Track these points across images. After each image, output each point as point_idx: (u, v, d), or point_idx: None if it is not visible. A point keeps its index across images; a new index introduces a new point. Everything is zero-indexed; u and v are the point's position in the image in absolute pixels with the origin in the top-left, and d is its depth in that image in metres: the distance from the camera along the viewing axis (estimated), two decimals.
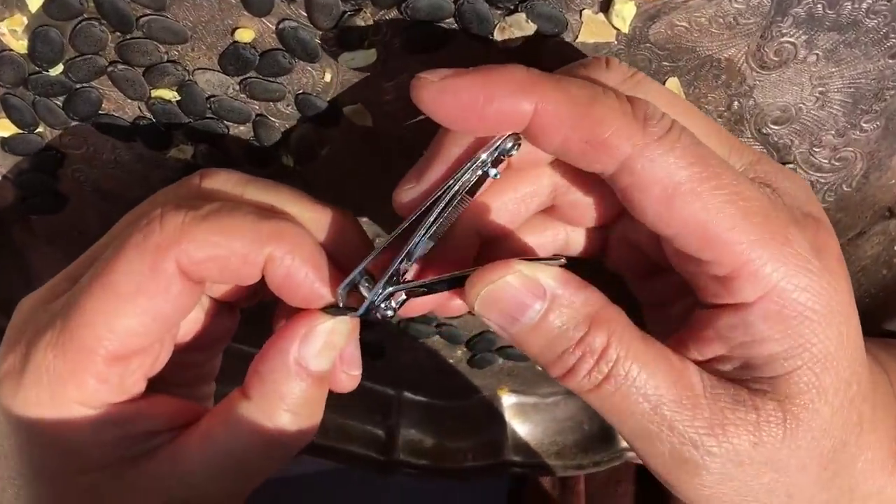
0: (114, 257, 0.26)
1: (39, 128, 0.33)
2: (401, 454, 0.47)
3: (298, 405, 0.27)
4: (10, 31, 0.30)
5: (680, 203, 0.24)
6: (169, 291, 0.25)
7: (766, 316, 0.24)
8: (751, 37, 0.28)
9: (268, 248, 0.26)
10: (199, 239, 0.25)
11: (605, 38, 0.29)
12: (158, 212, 0.26)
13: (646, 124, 0.24)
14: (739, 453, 0.25)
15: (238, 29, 0.29)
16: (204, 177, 0.28)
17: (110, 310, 0.25)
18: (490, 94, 0.24)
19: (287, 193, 0.28)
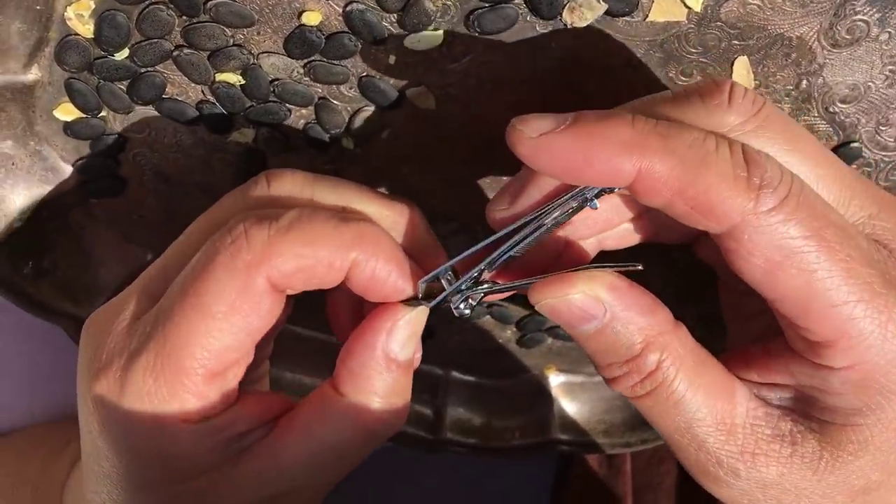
0: (203, 277, 0.25)
1: (102, 112, 0.33)
2: (448, 433, 0.47)
3: (391, 394, 0.27)
4: (76, 15, 0.30)
5: (784, 276, 0.23)
6: (261, 307, 0.26)
7: (847, 381, 0.24)
8: (823, 14, 0.28)
9: (353, 253, 0.26)
10: (288, 252, 0.25)
11: (676, 18, 0.28)
12: (242, 228, 0.26)
13: (760, 193, 0.23)
14: (765, 480, 0.25)
15: (305, 12, 0.29)
16: (272, 180, 0.28)
17: (205, 331, 0.25)
18: (590, 156, 0.23)
19: (355, 191, 0.28)
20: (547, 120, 0.24)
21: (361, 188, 0.29)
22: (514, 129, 0.24)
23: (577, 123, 0.23)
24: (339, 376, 0.27)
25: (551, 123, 0.24)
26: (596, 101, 0.31)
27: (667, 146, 0.23)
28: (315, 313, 0.37)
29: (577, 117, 0.24)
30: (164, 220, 0.37)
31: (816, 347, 0.24)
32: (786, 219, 0.23)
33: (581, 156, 0.23)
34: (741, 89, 0.25)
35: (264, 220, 0.26)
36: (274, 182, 0.28)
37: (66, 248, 0.38)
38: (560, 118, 0.24)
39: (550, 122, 0.24)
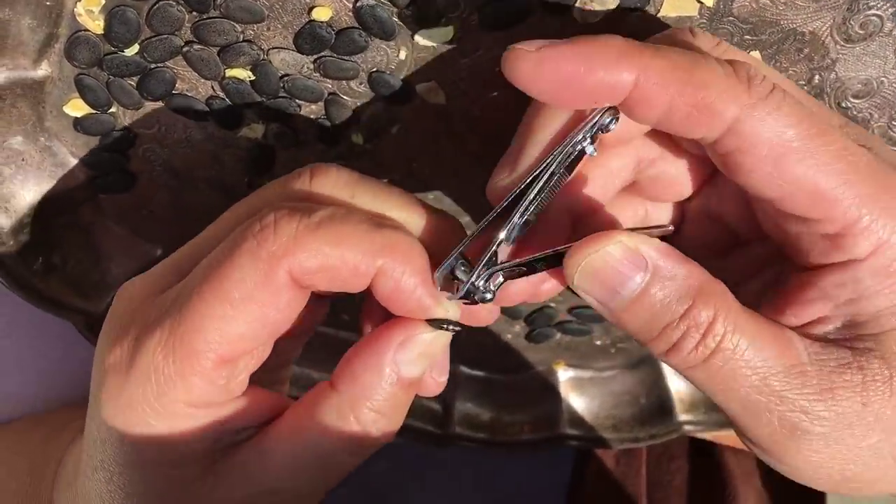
0: (226, 262, 0.25)
1: (112, 108, 0.33)
2: (457, 427, 0.47)
3: (384, 406, 0.27)
4: (86, 11, 0.30)
5: (790, 161, 0.23)
6: (280, 299, 0.25)
7: (876, 271, 0.24)
8: (837, 9, 0.28)
9: (380, 261, 0.26)
10: (313, 249, 0.25)
11: (688, 12, 0.28)
12: (272, 217, 0.25)
13: (750, 85, 0.23)
14: (848, 415, 0.24)
15: (315, 7, 0.29)
16: (315, 175, 0.28)
17: (221, 315, 0.25)
18: (591, 65, 0.23)
19: (397, 198, 0.28)
20: (544, 40, 0.24)
21: (405, 196, 0.28)
22: (514, 49, 0.24)
23: (576, 39, 0.24)
24: (339, 373, 0.27)
25: (549, 41, 0.24)
26: None
27: (659, 52, 0.24)
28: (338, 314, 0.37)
29: (574, 38, 0.24)
30: (173, 216, 0.37)
31: (837, 241, 0.24)
32: (780, 105, 0.23)
33: (582, 65, 0.23)
34: (700, 29, 0.26)
35: (296, 213, 0.25)
36: (316, 177, 0.28)
37: (75, 243, 0.38)
38: (557, 41, 0.24)
39: (548, 41, 0.24)
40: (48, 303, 0.38)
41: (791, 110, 0.23)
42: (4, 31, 0.30)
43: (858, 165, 0.24)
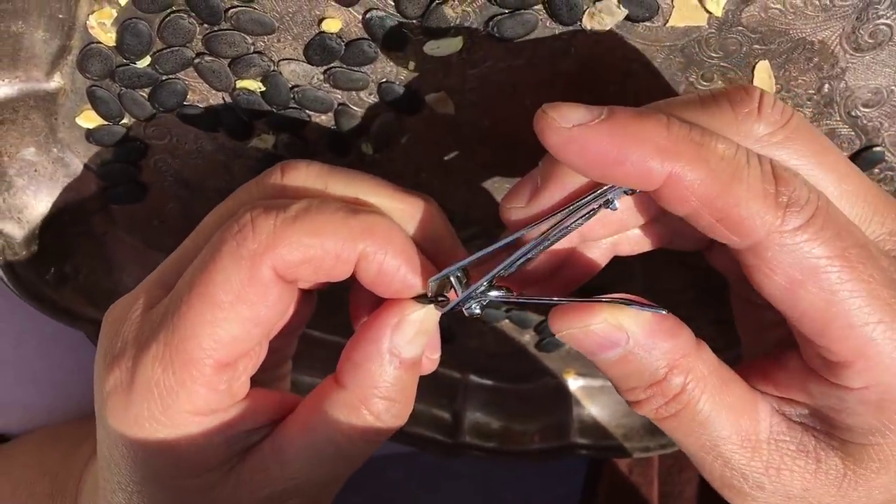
0: (210, 266, 0.25)
1: (124, 119, 0.33)
2: (467, 437, 0.47)
3: (392, 391, 0.27)
4: (98, 23, 0.30)
5: (805, 295, 0.23)
6: (268, 297, 0.25)
7: (864, 401, 0.24)
8: (846, 19, 0.28)
9: (361, 245, 0.26)
10: (293, 242, 0.25)
11: (697, 22, 0.28)
12: (248, 217, 0.25)
13: (787, 211, 0.22)
14: (789, 493, 0.25)
15: (325, 19, 0.29)
16: (285, 171, 0.28)
17: (213, 320, 0.25)
18: (622, 154, 0.23)
19: (370, 183, 0.28)
20: (580, 110, 0.23)
21: (376, 181, 0.28)
22: (546, 115, 0.23)
23: (613, 119, 0.23)
24: (342, 368, 0.27)
25: (585, 115, 0.23)
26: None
27: (700, 155, 0.23)
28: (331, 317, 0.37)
29: (612, 113, 0.23)
30: (184, 226, 0.37)
31: (833, 367, 0.24)
32: (810, 238, 0.23)
33: (614, 153, 0.23)
34: (770, 98, 0.24)
35: (272, 209, 0.26)
36: (288, 172, 0.28)
37: (88, 253, 0.38)
38: (594, 110, 0.23)
39: (584, 112, 0.23)
40: (61, 312, 0.38)
41: (823, 244, 0.23)
42: (17, 44, 0.30)
43: (876, 297, 0.23)
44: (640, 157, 0.23)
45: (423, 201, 0.29)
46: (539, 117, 0.23)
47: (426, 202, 0.29)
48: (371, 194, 0.28)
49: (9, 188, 0.34)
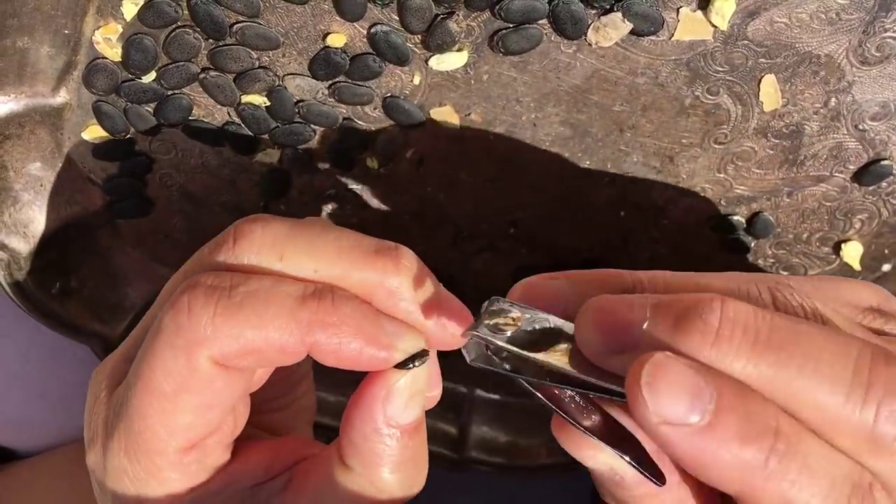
0: (151, 355, 0.24)
1: (130, 134, 0.33)
2: (473, 451, 0.47)
3: (400, 462, 0.25)
4: (104, 39, 0.30)
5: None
6: (212, 385, 0.24)
7: None
8: (853, 32, 0.28)
9: (309, 338, 0.24)
10: (232, 334, 0.23)
11: (702, 36, 0.28)
12: (186, 301, 0.24)
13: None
14: None
15: (329, 34, 0.29)
16: (238, 238, 0.25)
17: (162, 411, 0.24)
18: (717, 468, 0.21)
19: (331, 250, 0.25)
20: (687, 402, 0.21)
21: (339, 243, 0.25)
22: (639, 401, 0.21)
23: (715, 429, 0.21)
24: (344, 449, 0.25)
25: (695, 409, 0.21)
26: (621, 119, 0.31)
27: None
28: None
29: (716, 413, 0.21)
30: (190, 240, 0.37)
31: None
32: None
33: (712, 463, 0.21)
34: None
35: (213, 293, 0.24)
36: (241, 241, 0.25)
37: (93, 267, 0.38)
38: (696, 404, 0.21)
39: (692, 404, 0.21)
40: (66, 327, 0.38)
41: None
42: (24, 59, 0.30)
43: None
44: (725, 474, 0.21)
45: (394, 261, 0.25)
46: (634, 398, 0.21)
47: (397, 260, 0.25)
48: (333, 262, 0.25)
49: (15, 203, 0.34)
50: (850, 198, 0.33)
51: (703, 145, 0.31)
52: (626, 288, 0.24)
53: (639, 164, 0.32)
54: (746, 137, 0.31)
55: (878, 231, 0.34)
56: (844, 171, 0.32)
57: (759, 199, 0.33)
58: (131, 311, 0.39)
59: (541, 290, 0.25)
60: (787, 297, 0.23)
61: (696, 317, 0.21)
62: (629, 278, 0.24)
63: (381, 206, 0.35)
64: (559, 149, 0.32)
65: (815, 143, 0.31)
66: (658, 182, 0.33)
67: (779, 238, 0.35)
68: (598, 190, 0.33)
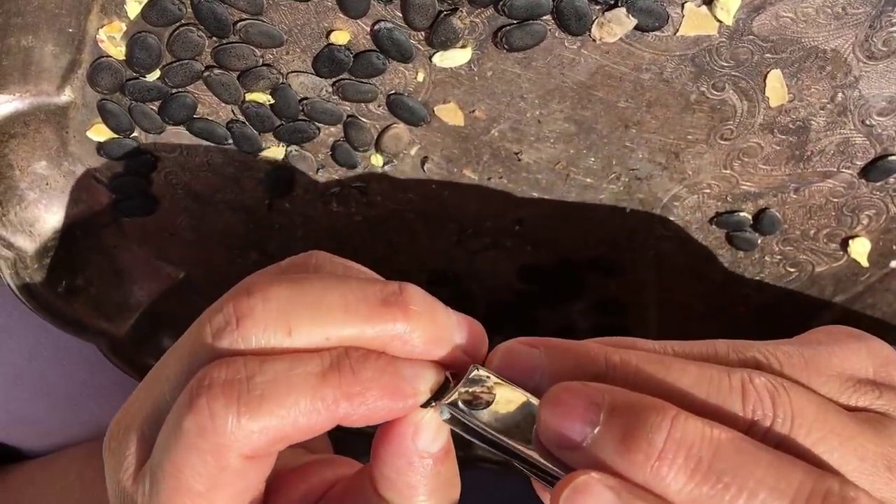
0: (176, 458, 0.24)
1: (134, 132, 0.33)
2: (479, 450, 0.47)
3: (435, 487, 0.25)
4: (108, 37, 0.30)
5: None
6: (245, 477, 0.24)
7: None
8: (859, 27, 0.28)
9: (336, 414, 0.24)
10: (259, 431, 0.23)
11: (708, 31, 0.28)
12: (204, 403, 0.23)
13: None
14: None
15: (333, 31, 0.29)
16: (240, 318, 0.24)
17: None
18: None
19: (339, 308, 0.24)
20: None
21: (347, 299, 0.24)
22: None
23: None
24: (378, 482, 0.26)
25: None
26: (626, 116, 0.31)
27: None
28: None
29: None
30: (195, 238, 0.37)
31: None
32: None
33: None
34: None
35: (231, 390, 0.23)
36: (244, 322, 0.24)
37: (99, 266, 0.38)
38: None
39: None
40: (72, 325, 0.38)
41: None
42: (28, 58, 0.31)
43: None
44: None
45: (402, 309, 0.25)
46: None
47: (405, 307, 0.25)
48: (343, 325, 0.24)
49: (20, 202, 0.35)
50: (858, 194, 0.33)
51: (709, 141, 0.31)
52: (599, 372, 0.24)
53: (644, 160, 0.32)
54: (752, 133, 0.31)
55: (885, 227, 0.34)
56: (851, 167, 0.32)
57: (766, 196, 0.33)
58: (137, 309, 0.39)
59: (519, 360, 0.25)
60: (756, 389, 0.24)
61: (643, 436, 0.22)
62: (602, 361, 0.24)
63: (385, 204, 0.35)
64: (564, 145, 0.32)
65: (821, 138, 0.31)
66: (664, 178, 0.33)
67: (786, 234, 0.34)
68: (603, 187, 0.33)
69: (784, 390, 0.24)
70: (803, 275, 0.36)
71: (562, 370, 0.24)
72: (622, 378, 0.24)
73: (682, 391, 0.24)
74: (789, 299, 0.37)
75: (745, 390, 0.24)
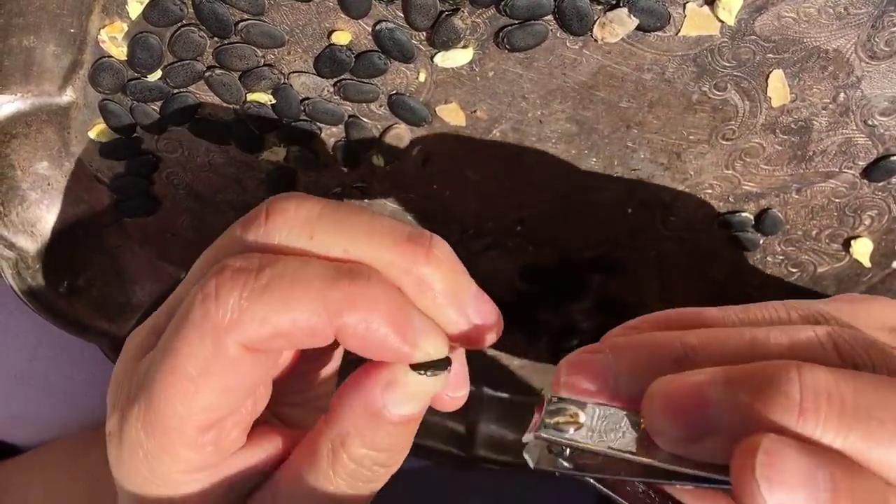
0: (178, 337, 0.24)
1: (136, 132, 0.33)
2: (481, 450, 0.47)
3: (378, 443, 0.25)
4: (110, 37, 0.30)
5: None
6: (238, 369, 0.24)
7: None
8: (861, 27, 0.28)
9: (338, 320, 0.23)
10: (259, 317, 0.23)
11: (709, 32, 0.28)
12: (213, 285, 0.23)
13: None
14: None
15: (334, 31, 0.29)
16: (270, 215, 0.25)
17: (184, 391, 0.24)
18: None
19: (364, 230, 0.25)
20: (805, 492, 0.20)
21: (372, 225, 0.25)
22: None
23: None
24: (331, 410, 0.25)
25: (811, 498, 0.20)
26: (628, 116, 0.31)
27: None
28: None
29: (832, 501, 0.20)
30: (196, 239, 0.37)
31: None
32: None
33: None
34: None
35: (240, 275, 0.23)
36: (271, 218, 0.25)
37: (100, 266, 0.38)
38: (815, 484, 0.20)
39: (809, 495, 0.20)
40: (74, 325, 0.38)
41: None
42: (30, 59, 0.31)
43: None
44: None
45: (426, 249, 0.25)
46: (747, 490, 0.20)
47: (430, 249, 0.25)
48: (364, 243, 0.24)
49: (22, 202, 0.35)
50: (860, 194, 0.33)
51: (711, 141, 0.31)
52: (678, 357, 0.23)
53: (646, 160, 0.32)
54: (754, 133, 0.31)
55: (887, 227, 0.34)
56: (854, 167, 0.32)
57: (768, 196, 0.33)
58: (139, 309, 0.39)
59: (587, 368, 0.24)
60: (846, 339, 0.22)
61: (776, 391, 0.20)
62: (679, 346, 0.23)
63: (386, 204, 0.35)
64: (565, 146, 0.32)
65: (823, 138, 0.31)
66: (665, 179, 0.33)
67: (788, 235, 0.34)
68: (605, 187, 0.33)
69: (871, 341, 0.23)
70: (805, 275, 0.36)
71: (637, 366, 0.23)
72: (706, 357, 0.23)
73: (777, 355, 0.22)
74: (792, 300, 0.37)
75: (838, 344, 0.22)
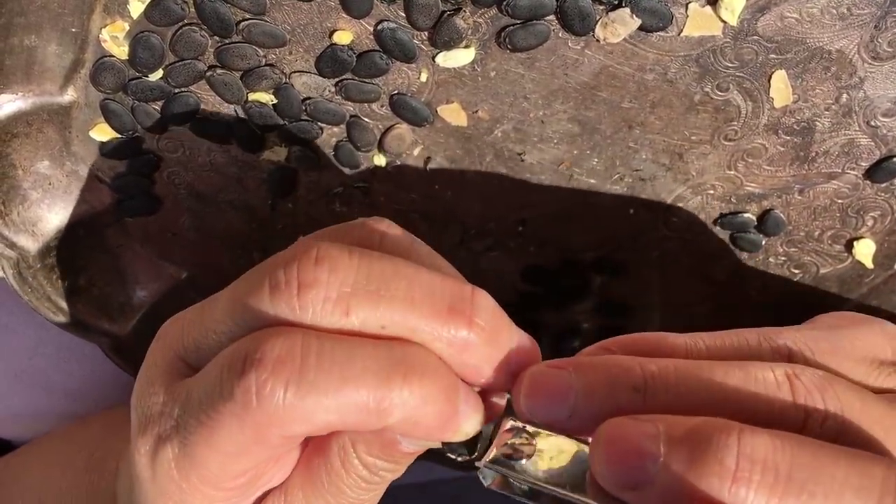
0: (214, 415, 0.23)
1: (137, 132, 0.33)
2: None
3: (388, 461, 0.25)
4: (111, 37, 0.30)
5: None
6: (277, 451, 0.24)
7: None
8: (864, 27, 0.27)
9: (387, 420, 0.22)
10: (306, 417, 0.22)
11: (712, 32, 0.28)
12: (253, 380, 0.22)
13: None
14: None
15: (336, 31, 0.29)
16: (303, 287, 0.23)
17: (222, 460, 0.23)
18: None
19: (401, 303, 0.23)
20: None
21: (412, 293, 0.23)
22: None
23: None
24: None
25: None
26: (630, 116, 0.31)
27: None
28: None
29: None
30: (198, 238, 0.37)
31: None
32: None
33: None
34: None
35: (282, 368, 0.22)
36: (305, 291, 0.23)
37: (101, 266, 0.38)
38: None
39: None
40: (74, 325, 0.38)
41: None
42: (31, 58, 0.31)
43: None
44: None
45: (467, 321, 0.23)
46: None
47: (471, 319, 0.23)
48: (402, 320, 0.23)
49: (23, 201, 0.35)
50: (863, 195, 0.33)
51: (713, 142, 0.31)
52: (637, 384, 0.23)
53: (648, 161, 0.32)
54: (757, 134, 0.31)
55: (890, 228, 0.34)
56: (856, 168, 0.32)
57: (770, 197, 0.33)
58: (140, 309, 0.39)
59: (548, 383, 0.23)
60: (804, 383, 0.22)
61: (712, 457, 0.21)
62: (639, 373, 0.23)
63: (388, 205, 0.35)
64: (567, 146, 0.32)
65: (826, 139, 0.31)
66: (667, 179, 0.33)
67: (790, 236, 0.34)
68: (607, 188, 0.33)
69: (829, 383, 0.23)
70: (808, 276, 0.36)
71: (596, 388, 0.23)
72: (663, 388, 0.23)
73: (729, 396, 0.22)
74: (794, 301, 0.37)
75: (794, 387, 0.22)
